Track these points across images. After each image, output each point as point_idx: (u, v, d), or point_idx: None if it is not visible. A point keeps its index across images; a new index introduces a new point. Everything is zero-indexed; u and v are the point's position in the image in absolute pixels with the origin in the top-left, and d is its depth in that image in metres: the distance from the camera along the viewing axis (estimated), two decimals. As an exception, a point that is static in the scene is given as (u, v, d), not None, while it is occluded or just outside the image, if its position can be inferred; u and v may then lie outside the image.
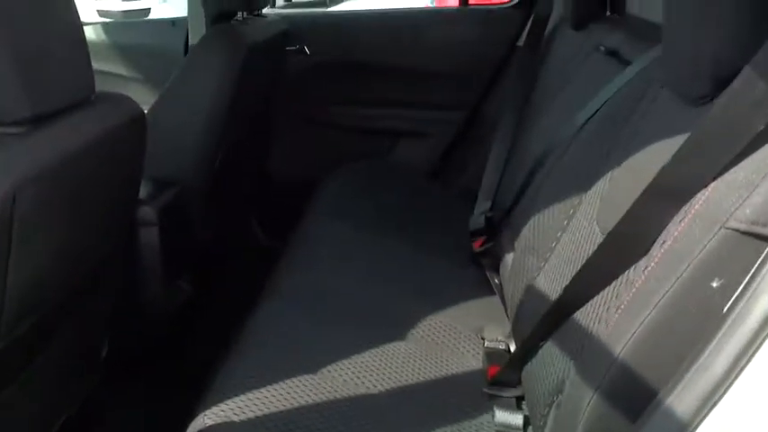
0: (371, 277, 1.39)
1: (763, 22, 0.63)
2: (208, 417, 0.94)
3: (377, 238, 1.57)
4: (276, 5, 2.57)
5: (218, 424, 0.93)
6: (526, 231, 1.23)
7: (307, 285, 1.32)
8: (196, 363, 1.63)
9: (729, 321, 0.49)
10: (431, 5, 6.37)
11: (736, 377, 0.48)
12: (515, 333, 1.16)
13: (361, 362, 1.09)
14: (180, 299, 1.58)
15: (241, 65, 1.52)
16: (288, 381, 1.01)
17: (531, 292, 1.10)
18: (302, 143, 2.24)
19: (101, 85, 1.01)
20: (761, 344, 0.47)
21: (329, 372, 1.06)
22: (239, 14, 1.73)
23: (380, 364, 1.10)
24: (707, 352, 0.50)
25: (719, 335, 0.49)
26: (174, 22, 2.26)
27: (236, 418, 0.94)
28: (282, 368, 1.04)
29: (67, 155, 0.89)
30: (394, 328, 1.21)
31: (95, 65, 0.99)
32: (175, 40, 2.17)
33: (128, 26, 2.62)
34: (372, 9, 2.43)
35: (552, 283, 1.03)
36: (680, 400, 0.53)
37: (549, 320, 0.94)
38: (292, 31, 2.01)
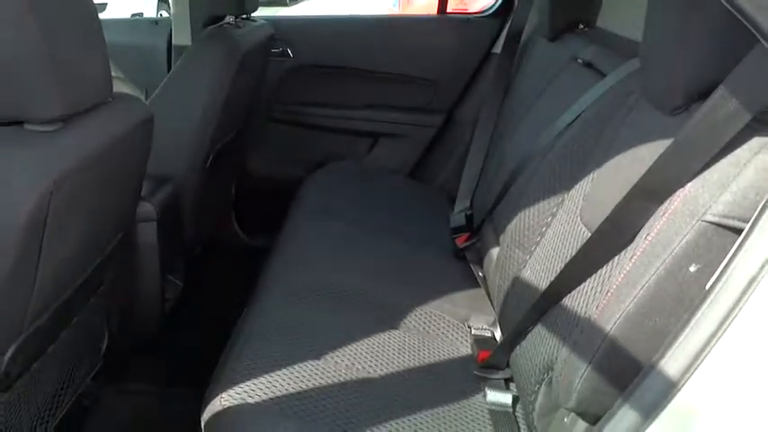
0: (362, 271, 1.47)
1: (736, 42, 0.72)
2: (224, 399, 1.00)
3: (364, 235, 1.65)
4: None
5: (234, 405, 0.99)
6: (511, 228, 1.32)
7: (302, 280, 1.38)
8: (189, 355, 1.68)
9: (713, 296, 0.59)
10: (394, 9, 6.46)
11: (718, 340, 0.59)
12: (502, 321, 1.26)
13: (360, 349, 1.17)
14: (173, 294, 1.62)
15: (237, 67, 1.58)
16: (295, 366, 1.08)
17: (518, 282, 1.19)
18: (282, 143, 2.29)
19: None
20: (737, 313, 0.58)
21: (332, 358, 1.13)
22: (229, 18, 1.78)
23: (377, 351, 1.18)
24: (693, 321, 0.61)
25: (704, 307, 0.60)
26: (156, 22, 2.28)
27: (250, 400, 1.00)
28: (288, 355, 1.11)
29: (95, 152, 0.94)
30: (386, 317, 1.29)
31: None
32: (157, 40, 2.20)
33: (109, 24, 2.62)
34: (354, 14, 2.49)
35: (538, 274, 1.13)
36: (668, 365, 0.63)
37: (538, 307, 1.03)
38: (275, 33, 2.06)
